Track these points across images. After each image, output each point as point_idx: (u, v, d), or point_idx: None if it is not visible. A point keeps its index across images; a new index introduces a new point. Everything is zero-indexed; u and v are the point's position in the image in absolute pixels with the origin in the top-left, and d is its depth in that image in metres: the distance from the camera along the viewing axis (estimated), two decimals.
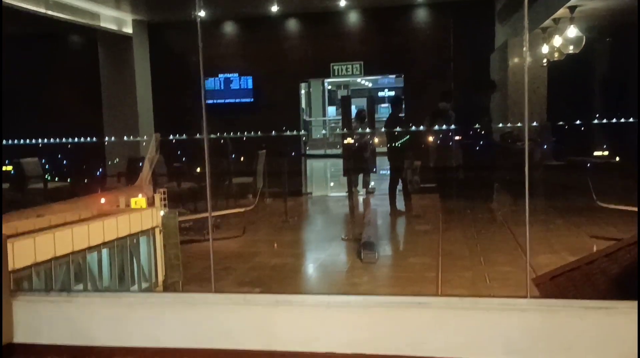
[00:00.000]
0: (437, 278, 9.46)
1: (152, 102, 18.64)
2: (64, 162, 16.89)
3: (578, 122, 15.41)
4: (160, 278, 6.13)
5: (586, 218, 12.34)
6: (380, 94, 30.66)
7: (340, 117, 20.84)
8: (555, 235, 11.47)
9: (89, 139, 16.38)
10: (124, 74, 18.07)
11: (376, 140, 16.32)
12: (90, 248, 5.09)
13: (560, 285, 3.51)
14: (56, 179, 15.58)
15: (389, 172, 15.25)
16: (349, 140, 14.88)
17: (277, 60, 17.77)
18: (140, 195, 9.34)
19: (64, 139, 15.26)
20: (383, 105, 28.56)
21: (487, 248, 11.00)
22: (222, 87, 18.67)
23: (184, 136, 16.00)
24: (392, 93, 28.66)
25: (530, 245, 4.38)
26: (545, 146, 15.95)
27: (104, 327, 3.23)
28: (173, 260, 8.09)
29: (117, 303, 3.35)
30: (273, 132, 17.22)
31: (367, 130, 15.32)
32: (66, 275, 4.75)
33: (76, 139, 15.88)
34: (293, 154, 17.55)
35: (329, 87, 28.94)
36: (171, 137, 15.74)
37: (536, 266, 8.09)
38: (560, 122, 15.63)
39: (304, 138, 19.09)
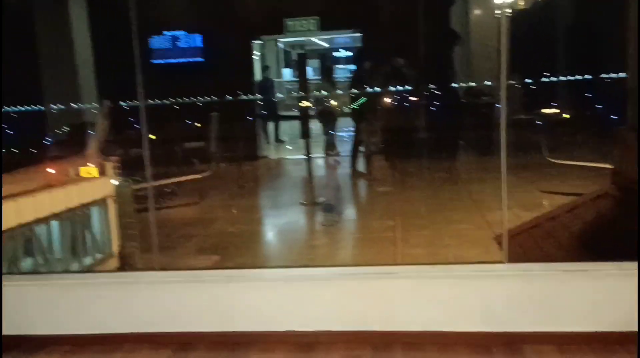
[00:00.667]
0: (394, 238, 9.56)
1: (93, 64, 17.43)
2: (8, 131, 16.02)
3: (542, 79, 15.45)
4: (115, 248, 5.95)
5: (537, 174, 12.65)
6: (337, 54, 30.27)
7: (296, 79, 20.53)
8: (508, 191, 11.74)
9: (32, 107, 15.62)
10: (62, 33, 16.75)
11: (334, 102, 16.15)
12: (39, 221, 4.86)
13: (522, 243, 3.50)
14: None
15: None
16: (305, 103, 14.68)
17: (227, 16, 16.75)
18: (90, 164, 8.98)
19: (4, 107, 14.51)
20: (339, 66, 28.24)
21: (444, 208, 11.15)
22: (170, 46, 17.82)
23: (135, 102, 15.43)
24: (350, 54, 28.33)
25: (483, 201, 4.35)
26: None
27: (35, 313, 2.97)
28: (129, 229, 7.88)
29: (49, 285, 3.07)
30: (226, 96, 16.63)
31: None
32: (13, 250, 4.53)
33: (18, 108, 15.16)
34: (248, 117, 17.21)
35: (283, 47, 28.22)
36: (123, 103, 15.10)
37: (492, 223, 8.26)
38: (528, 80, 15.56)
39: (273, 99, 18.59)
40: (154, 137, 13.58)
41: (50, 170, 8.73)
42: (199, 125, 15.20)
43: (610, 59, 13.66)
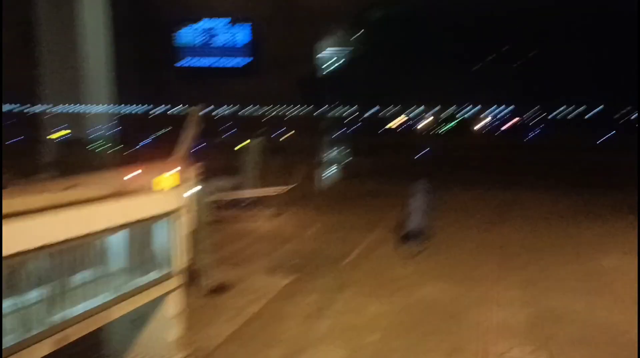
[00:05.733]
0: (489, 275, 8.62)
1: (105, 57, 14.72)
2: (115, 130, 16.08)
3: None
4: (182, 264, 5.53)
5: None
6: None
7: None
8: None
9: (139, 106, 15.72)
10: (68, 20, 14.35)
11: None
12: (102, 231, 4.51)
13: None
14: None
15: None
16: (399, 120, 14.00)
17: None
18: (172, 171, 8.73)
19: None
20: None
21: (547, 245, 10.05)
22: (208, 40, 14.06)
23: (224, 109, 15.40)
24: None
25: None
26: None
27: None
28: (202, 242, 7.56)
29: None
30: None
31: None
32: (70, 263, 4.18)
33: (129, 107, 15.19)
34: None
35: None
36: (212, 110, 15.10)
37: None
38: None
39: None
40: (242, 145, 13.53)
41: (132, 174, 8.65)
42: (281, 138, 14.96)
43: None
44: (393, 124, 13.31)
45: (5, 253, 3.59)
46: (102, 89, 14.36)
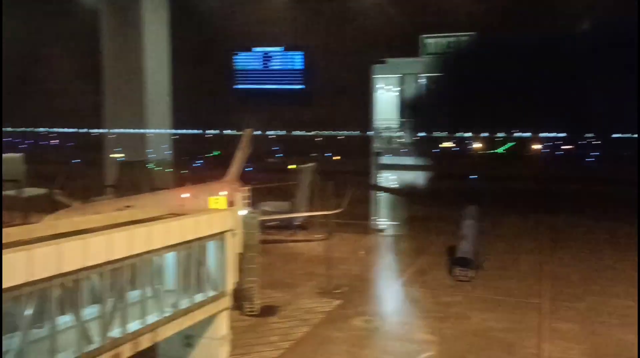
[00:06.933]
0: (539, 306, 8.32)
1: (167, 81, 14.61)
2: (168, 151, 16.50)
3: None
4: (231, 285, 5.61)
5: None
6: None
7: None
8: None
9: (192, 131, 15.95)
10: (131, 45, 14.05)
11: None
12: (156, 250, 4.65)
13: None
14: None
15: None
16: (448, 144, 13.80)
17: (341, 30, 13.34)
18: (224, 192, 8.96)
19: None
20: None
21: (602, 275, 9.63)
22: (261, 66, 14.41)
23: (277, 132, 15.59)
24: None
25: None
26: None
27: None
28: (250, 263, 7.65)
29: None
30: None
31: None
32: (126, 281, 4.32)
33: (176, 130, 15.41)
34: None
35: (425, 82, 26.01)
36: (270, 132, 15.23)
37: None
38: None
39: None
40: (294, 166, 13.52)
41: (185, 195, 8.87)
42: (337, 158, 14.90)
43: None
44: (445, 145, 13.00)
45: (65, 270, 3.75)
46: (162, 114, 14.89)
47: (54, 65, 16.27)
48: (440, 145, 13.49)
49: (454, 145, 13.38)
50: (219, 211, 5.80)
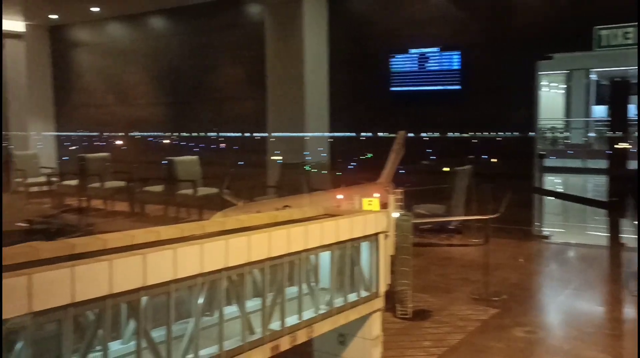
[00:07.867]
0: None
1: (325, 86, 15.33)
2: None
3: None
4: (384, 286, 5.63)
5: None
6: None
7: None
8: None
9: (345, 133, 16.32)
10: (292, 53, 15.04)
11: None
12: (314, 249, 4.86)
13: None
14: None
15: None
16: (623, 145, 12.43)
17: (500, 25, 12.91)
18: (377, 194, 9.03)
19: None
20: None
21: None
22: (417, 68, 14.20)
23: (432, 134, 15.29)
24: None
25: None
26: None
27: None
28: (403, 265, 7.61)
29: None
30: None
31: None
32: (285, 277, 4.57)
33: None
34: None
35: (596, 78, 23.83)
36: (423, 134, 15.02)
37: None
38: None
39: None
40: (448, 169, 13.30)
41: (339, 196, 9.10)
42: (494, 160, 14.20)
43: None
44: (621, 146, 11.75)
45: (231, 264, 4.05)
46: (320, 118, 15.66)
47: (222, 74, 17.97)
48: (615, 146, 12.15)
49: (630, 146, 11.94)
50: (372, 212, 5.85)
